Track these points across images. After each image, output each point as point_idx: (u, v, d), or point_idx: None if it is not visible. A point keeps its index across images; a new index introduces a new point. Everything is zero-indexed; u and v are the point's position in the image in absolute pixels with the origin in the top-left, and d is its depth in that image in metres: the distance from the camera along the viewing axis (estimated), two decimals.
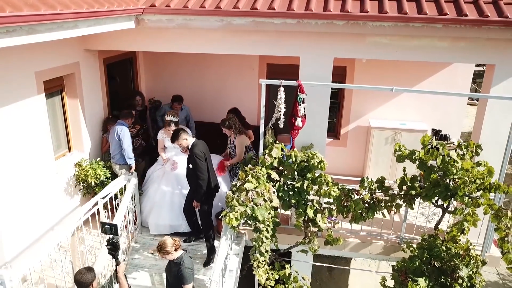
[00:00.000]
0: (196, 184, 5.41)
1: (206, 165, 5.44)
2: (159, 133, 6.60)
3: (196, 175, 5.36)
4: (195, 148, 5.36)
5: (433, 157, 5.05)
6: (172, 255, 4.46)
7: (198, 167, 5.33)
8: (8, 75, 4.72)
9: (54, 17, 3.59)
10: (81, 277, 3.89)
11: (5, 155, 4.77)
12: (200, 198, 5.48)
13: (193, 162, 5.35)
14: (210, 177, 5.53)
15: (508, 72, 5.34)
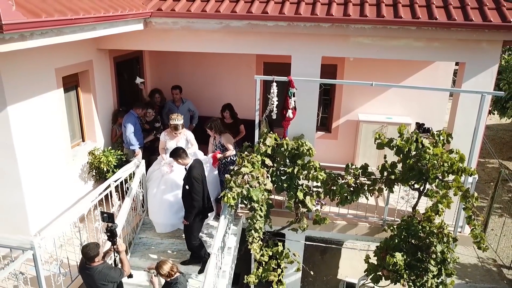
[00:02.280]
0: (190, 205, 5.55)
1: (202, 188, 5.59)
2: (162, 134, 6.70)
3: (192, 196, 5.50)
4: (193, 170, 5.49)
5: (408, 145, 5.68)
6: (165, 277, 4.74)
7: (195, 190, 5.47)
8: (33, 71, 5.37)
9: (78, 21, 4.24)
10: (88, 250, 4.39)
11: (31, 142, 5.42)
12: (190, 218, 5.60)
13: (190, 184, 5.48)
14: (205, 199, 5.68)
15: (477, 69, 5.98)
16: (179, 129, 6.25)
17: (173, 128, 6.26)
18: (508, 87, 10.50)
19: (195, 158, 5.77)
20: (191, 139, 6.56)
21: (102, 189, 5.80)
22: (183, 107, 7.98)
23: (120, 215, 5.93)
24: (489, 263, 8.95)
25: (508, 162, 13.20)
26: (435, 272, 5.88)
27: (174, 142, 6.41)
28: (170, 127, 6.30)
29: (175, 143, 6.37)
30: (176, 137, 6.40)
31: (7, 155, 5.20)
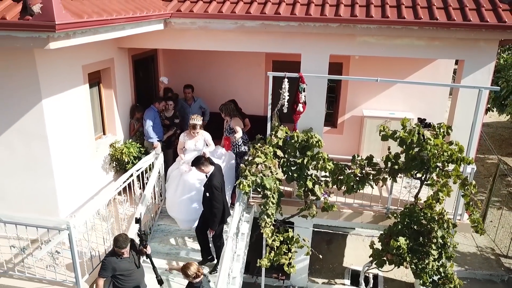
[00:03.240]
0: (211, 213, 5.79)
1: (222, 196, 5.87)
2: (181, 135, 6.91)
3: (212, 204, 5.75)
4: (214, 179, 5.76)
5: (411, 136, 6.11)
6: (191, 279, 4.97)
7: (215, 197, 5.73)
8: (63, 68, 5.81)
9: (111, 22, 4.68)
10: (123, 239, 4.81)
11: (61, 133, 5.86)
12: (215, 226, 5.84)
13: (210, 192, 5.75)
14: (225, 204, 5.95)
15: (475, 66, 6.40)
16: (197, 128, 6.56)
17: (192, 127, 6.55)
18: (507, 84, 10.91)
19: (216, 164, 6.03)
20: (208, 140, 6.86)
21: (126, 178, 6.25)
22: (195, 105, 8.40)
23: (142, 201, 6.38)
24: (488, 252, 9.37)
25: (507, 158, 13.62)
26: (436, 256, 6.30)
27: (193, 142, 6.71)
28: (189, 126, 6.60)
29: (193, 143, 6.70)
30: (195, 137, 6.69)
31: (41, 146, 5.64)
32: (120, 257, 4.89)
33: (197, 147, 6.68)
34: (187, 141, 6.75)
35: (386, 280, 8.51)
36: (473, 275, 8.64)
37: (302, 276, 8.42)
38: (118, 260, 4.89)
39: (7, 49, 5.12)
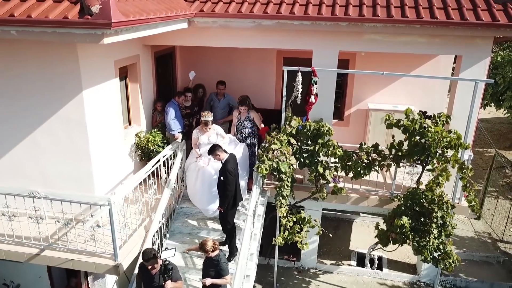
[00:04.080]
0: (224, 194, 6.38)
1: (235, 180, 6.41)
2: (194, 131, 7.40)
3: (225, 187, 6.32)
4: (228, 164, 6.31)
5: (413, 124, 6.73)
6: (210, 254, 5.53)
7: (228, 181, 6.29)
8: (99, 62, 6.43)
9: (150, 20, 5.30)
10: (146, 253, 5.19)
11: (97, 121, 6.48)
12: (224, 206, 6.43)
13: (224, 176, 6.30)
14: (237, 189, 6.48)
15: (472, 61, 7.01)
16: (208, 124, 7.11)
17: (204, 123, 7.13)
18: (504, 80, 11.50)
19: (230, 153, 6.56)
20: (221, 133, 7.43)
21: (155, 162, 6.90)
22: (224, 101, 8.97)
23: (168, 185, 7.02)
24: (484, 236, 9.98)
25: (505, 151, 14.24)
26: (436, 234, 6.92)
27: (206, 136, 7.28)
28: (201, 122, 7.20)
29: (206, 138, 7.27)
30: (207, 132, 7.25)
31: (81, 132, 6.26)
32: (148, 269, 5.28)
33: (211, 141, 7.21)
34: (200, 136, 7.29)
35: (390, 261, 9.13)
36: (471, 256, 9.26)
37: (311, 258, 9.04)
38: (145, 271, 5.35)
39: (53, 45, 5.74)
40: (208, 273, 5.62)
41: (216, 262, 5.57)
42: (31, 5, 4.73)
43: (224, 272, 5.57)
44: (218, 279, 5.56)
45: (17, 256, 6.12)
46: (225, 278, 5.59)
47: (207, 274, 5.62)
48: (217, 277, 5.56)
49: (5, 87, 6.18)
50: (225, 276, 5.58)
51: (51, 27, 4.61)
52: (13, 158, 6.60)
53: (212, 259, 5.59)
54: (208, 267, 5.65)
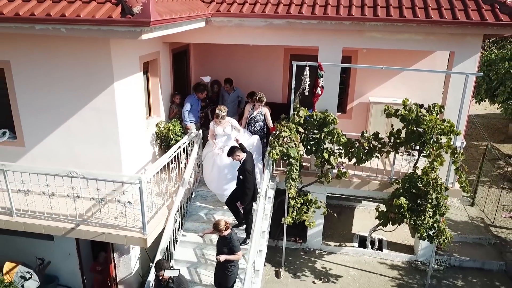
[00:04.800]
0: (243, 192, 6.89)
1: (253, 178, 6.93)
2: (210, 124, 8.10)
3: (244, 185, 6.84)
4: (246, 164, 6.82)
5: (410, 113, 7.44)
6: (223, 232, 6.14)
7: (247, 180, 6.80)
8: (127, 57, 7.14)
9: (177, 20, 6.01)
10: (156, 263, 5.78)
11: (125, 111, 7.19)
12: (245, 203, 7.00)
13: (243, 175, 6.83)
14: (255, 186, 7.06)
15: (463, 57, 7.72)
16: (219, 117, 7.75)
17: (216, 116, 7.79)
18: (497, 76, 12.19)
19: (248, 152, 7.07)
20: (236, 125, 8.13)
21: (176, 148, 7.61)
22: (234, 94, 9.71)
23: (187, 170, 7.74)
24: (478, 221, 10.69)
25: (499, 144, 14.97)
26: (431, 213, 7.63)
27: (221, 128, 7.95)
28: (215, 115, 7.83)
29: (221, 129, 7.95)
30: (222, 124, 7.93)
31: (111, 119, 6.97)
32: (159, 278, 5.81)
33: (226, 132, 7.94)
34: (216, 128, 7.98)
35: (389, 243, 9.83)
36: (465, 239, 9.96)
37: (316, 240, 9.75)
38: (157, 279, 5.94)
39: (87, 42, 6.44)
40: (222, 251, 6.20)
41: (228, 240, 6.18)
42: (79, 6, 5.44)
43: (236, 248, 6.17)
44: (231, 255, 6.20)
45: (55, 230, 6.84)
46: (237, 254, 6.21)
47: (221, 251, 6.21)
48: (230, 254, 6.17)
49: (43, 80, 6.90)
50: (237, 252, 6.18)
51: (96, 25, 5.32)
52: (48, 143, 7.31)
53: (225, 237, 6.20)
54: (221, 245, 6.25)
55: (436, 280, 8.91)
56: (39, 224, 6.84)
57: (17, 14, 5.38)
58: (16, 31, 5.79)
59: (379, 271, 9.16)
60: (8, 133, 7.47)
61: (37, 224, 6.84)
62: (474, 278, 8.99)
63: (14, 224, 6.93)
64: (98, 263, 8.26)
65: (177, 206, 7.34)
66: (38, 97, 7.05)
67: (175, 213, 7.23)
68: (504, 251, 9.77)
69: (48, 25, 5.45)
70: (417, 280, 8.90)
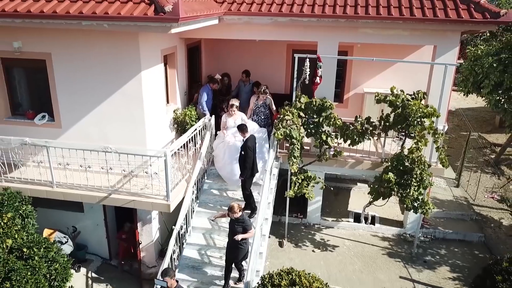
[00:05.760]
0: (244, 165, 7.98)
1: (253, 155, 8.04)
2: (223, 116, 9.13)
3: (245, 159, 7.91)
4: (248, 142, 7.93)
5: (397, 99, 8.53)
6: (237, 214, 6.85)
7: (248, 155, 7.89)
8: (151, 49, 8.24)
9: (198, 17, 7.12)
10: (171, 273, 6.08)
11: (149, 97, 8.29)
12: (244, 175, 8.03)
13: (245, 151, 7.92)
14: (254, 162, 8.10)
15: (444, 50, 8.81)
16: (233, 107, 8.88)
17: (230, 106, 8.91)
18: (482, 70, 13.24)
19: (251, 134, 8.21)
20: (244, 119, 9.19)
21: (193, 130, 8.72)
22: (249, 85, 10.77)
23: (203, 146, 8.85)
24: (461, 200, 11.78)
25: (486, 134, 16.08)
26: (416, 187, 8.70)
27: (232, 120, 9.02)
28: (229, 106, 9.00)
29: (233, 121, 9.00)
30: (233, 116, 9.00)
31: (137, 104, 8.07)
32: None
33: (236, 124, 8.90)
34: (228, 120, 9.07)
35: (381, 219, 10.93)
36: (449, 215, 11.05)
37: (316, 215, 10.85)
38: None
39: (119, 36, 7.54)
40: (236, 231, 6.91)
41: (241, 220, 6.96)
42: (118, 6, 6.55)
43: (249, 227, 6.96)
44: (246, 233, 6.97)
45: (91, 198, 7.95)
46: (250, 231, 7.00)
47: (235, 232, 6.90)
48: (244, 233, 6.92)
49: (79, 69, 8.01)
50: (250, 230, 6.97)
51: (134, 21, 6.43)
52: (82, 124, 8.42)
53: (238, 219, 6.95)
54: (235, 225, 6.97)
55: (422, 249, 10.02)
56: (77, 193, 7.96)
57: (68, 12, 6.49)
58: (64, 27, 6.91)
59: (371, 242, 10.27)
60: (47, 117, 8.58)
61: (75, 193, 7.96)
62: (456, 248, 10.09)
63: (54, 193, 8.05)
64: (123, 232, 9.38)
65: (194, 180, 8.42)
66: (74, 84, 8.16)
67: (193, 185, 8.32)
68: (484, 226, 10.88)
69: (93, 21, 6.57)
70: (405, 250, 10.00)
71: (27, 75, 8.60)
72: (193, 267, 7.85)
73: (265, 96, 9.70)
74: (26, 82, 8.68)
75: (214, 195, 9.08)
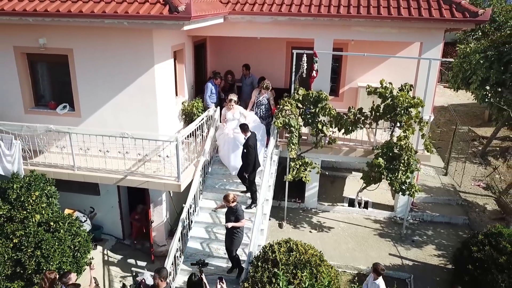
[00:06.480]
0: (246, 163, 8.65)
1: (254, 152, 8.66)
2: (223, 109, 9.96)
3: (247, 157, 8.54)
4: (250, 140, 8.58)
5: (386, 91, 9.39)
6: (230, 204, 7.47)
7: (250, 153, 8.51)
8: (162, 45, 9.09)
9: (206, 16, 7.98)
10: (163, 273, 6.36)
11: (161, 88, 9.14)
12: (247, 171, 8.66)
13: (247, 149, 8.56)
14: (256, 158, 8.71)
15: (430, 46, 9.66)
16: (231, 102, 9.65)
17: (229, 101, 9.71)
18: (470, 67, 14.07)
19: (253, 132, 8.85)
20: (243, 112, 9.97)
21: (200, 119, 9.57)
22: (249, 79, 11.63)
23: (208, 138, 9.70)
24: (449, 187, 12.63)
25: (476, 128, 16.93)
26: (404, 171, 9.56)
27: (231, 113, 9.81)
28: (227, 100, 9.80)
29: (231, 114, 9.80)
30: (232, 109, 9.79)
31: (151, 95, 8.91)
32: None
33: (235, 117, 9.80)
34: (227, 113, 9.89)
35: (374, 204, 11.78)
36: (437, 200, 11.90)
37: (313, 200, 11.69)
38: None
39: (135, 33, 8.38)
40: (229, 219, 7.59)
41: (235, 210, 7.59)
42: (137, 6, 7.42)
43: (241, 217, 7.56)
44: (237, 222, 7.61)
45: (109, 180, 8.80)
46: (241, 221, 7.60)
47: (229, 220, 7.61)
48: (236, 221, 7.57)
49: (98, 63, 8.85)
50: (241, 220, 7.57)
51: (151, 19, 7.30)
52: (99, 114, 9.26)
53: (232, 208, 7.60)
54: (229, 214, 7.64)
55: (411, 230, 10.87)
56: (96, 175, 8.82)
57: (92, 11, 7.35)
58: (88, 25, 7.77)
59: (364, 224, 11.12)
60: (68, 107, 9.43)
61: (94, 175, 8.81)
62: (442, 230, 10.94)
63: (76, 175, 8.90)
64: (136, 213, 10.23)
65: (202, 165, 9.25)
66: (93, 77, 9.01)
67: (200, 169, 9.16)
68: (470, 210, 11.73)
69: (115, 19, 7.42)
70: (395, 231, 10.85)
71: (50, 69, 9.46)
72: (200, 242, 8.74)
73: (266, 91, 10.53)
74: (49, 75, 9.54)
75: (219, 179, 9.93)
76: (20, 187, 8.04)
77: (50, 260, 7.56)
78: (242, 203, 8.86)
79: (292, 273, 6.64)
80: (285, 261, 6.81)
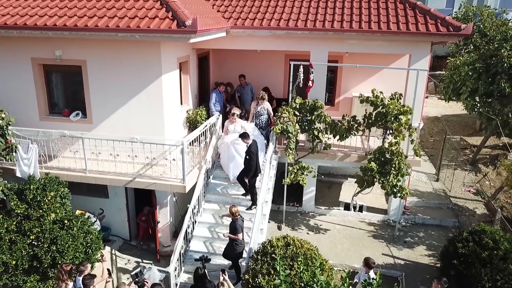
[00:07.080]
0: (248, 168, 9.24)
1: (256, 159, 9.24)
2: (226, 122, 10.54)
3: (249, 162, 9.14)
4: (252, 147, 9.17)
5: (377, 99, 10.06)
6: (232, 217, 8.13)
7: (252, 158, 9.11)
8: (169, 57, 9.79)
9: (211, 30, 8.70)
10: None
11: (168, 96, 9.80)
12: (249, 176, 9.28)
13: (249, 155, 9.17)
14: (257, 164, 9.27)
15: (418, 58, 10.38)
16: (234, 115, 10.34)
17: (231, 114, 10.42)
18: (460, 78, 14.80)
19: (253, 139, 9.49)
20: (244, 125, 10.56)
21: (204, 126, 10.22)
22: (247, 87, 12.34)
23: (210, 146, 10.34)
24: (440, 192, 13.23)
25: (467, 137, 17.60)
26: (395, 175, 10.17)
27: (233, 126, 10.44)
28: (230, 114, 10.44)
29: (233, 127, 10.43)
30: (234, 122, 10.44)
31: (158, 102, 9.56)
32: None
33: (236, 130, 10.39)
34: (229, 125, 10.53)
35: (368, 208, 12.35)
36: (428, 204, 12.48)
37: (310, 204, 12.28)
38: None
39: (144, 45, 9.08)
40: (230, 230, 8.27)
41: (233, 224, 8.23)
42: (147, 21, 8.14)
43: (237, 231, 8.11)
44: (232, 235, 8.20)
45: (118, 182, 9.42)
46: (237, 235, 8.12)
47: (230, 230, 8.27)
48: (231, 233, 8.19)
49: (109, 73, 9.53)
50: (237, 234, 8.10)
51: (161, 33, 8.01)
52: (110, 120, 9.90)
53: (233, 221, 8.28)
54: (230, 226, 8.36)
55: (403, 232, 11.43)
56: (106, 178, 9.43)
57: (107, 26, 8.07)
58: (102, 38, 8.48)
59: (359, 226, 11.68)
60: (81, 114, 10.09)
61: (105, 178, 9.43)
62: (432, 231, 11.50)
63: (87, 178, 9.51)
64: (143, 214, 10.82)
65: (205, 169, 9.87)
66: (105, 86, 9.69)
67: (203, 173, 9.78)
68: (460, 214, 12.30)
69: (128, 33, 8.14)
70: (388, 232, 11.42)
71: (64, 78, 10.15)
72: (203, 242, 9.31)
73: (262, 101, 11.18)
74: (63, 84, 10.23)
75: (221, 183, 10.53)
76: (36, 188, 8.63)
77: (64, 255, 8.12)
78: (242, 206, 9.53)
79: (289, 265, 7.23)
80: (282, 254, 7.39)
